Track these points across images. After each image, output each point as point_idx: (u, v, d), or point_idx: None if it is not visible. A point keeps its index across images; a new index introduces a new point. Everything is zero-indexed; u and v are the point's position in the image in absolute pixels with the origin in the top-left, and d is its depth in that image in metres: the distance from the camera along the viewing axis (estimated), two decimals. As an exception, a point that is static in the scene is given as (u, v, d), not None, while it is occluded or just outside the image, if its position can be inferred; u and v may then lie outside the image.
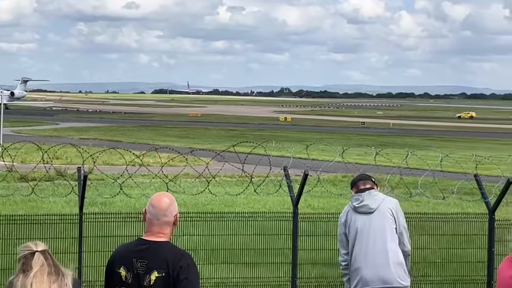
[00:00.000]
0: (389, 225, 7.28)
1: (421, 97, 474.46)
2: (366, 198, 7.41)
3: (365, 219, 7.35)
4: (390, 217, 7.30)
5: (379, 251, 7.29)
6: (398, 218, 7.32)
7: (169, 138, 64.18)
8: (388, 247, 7.27)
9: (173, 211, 5.32)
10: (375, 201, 7.36)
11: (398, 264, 7.25)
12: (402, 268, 7.29)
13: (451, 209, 20.32)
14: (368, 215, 7.34)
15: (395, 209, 7.36)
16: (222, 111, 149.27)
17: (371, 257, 7.31)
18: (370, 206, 7.36)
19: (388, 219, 7.29)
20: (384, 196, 7.48)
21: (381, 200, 7.38)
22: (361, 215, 7.39)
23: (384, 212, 7.31)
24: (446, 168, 15.58)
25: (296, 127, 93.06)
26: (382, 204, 7.34)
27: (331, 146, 16.33)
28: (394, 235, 7.29)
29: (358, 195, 7.47)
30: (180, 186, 17.30)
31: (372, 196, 7.41)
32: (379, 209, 7.32)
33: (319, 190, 19.85)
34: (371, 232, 7.32)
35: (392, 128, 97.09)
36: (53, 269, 4.56)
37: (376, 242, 7.31)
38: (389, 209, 7.33)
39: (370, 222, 7.34)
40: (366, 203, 7.38)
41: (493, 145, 64.22)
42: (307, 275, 12.75)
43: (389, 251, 7.27)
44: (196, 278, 5.14)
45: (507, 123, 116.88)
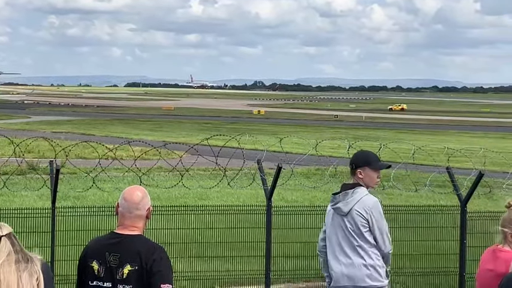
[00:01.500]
0: (361, 228, 7.20)
1: (394, 90, 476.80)
2: (340, 200, 7.30)
3: (340, 219, 7.32)
4: (363, 220, 7.20)
5: (347, 252, 7.27)
6: (372, 220, 7.15)
7: (142, 131, 63.97)
8: (358, 249, 7.23)
9: (146, 204, 5.30)
10: (348, 204, 7.21)
11: (367, 266, 7.22)
12: (374, 269, 7.23)
13: (424, 201, 20.47)
14: (342, 216, 7.30)
15: (370, 211, 7.14)
16: (195, 105, 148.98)
17: (341, 256, 7.31)
18: (342, 209, 7.26)
19: (360, 223, 7.21)
20: (361, 197, 7.22)
21: (355, 202, 7.19)
22: (337, 214, 7.36)
23: (355, 215, 7.20)
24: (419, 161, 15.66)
25: (269, 120, 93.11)
26: (356, 206, 7.20)
27: (305, 139, 16.38)
28: (365, 238, 7.21)
29: (334, 197, 7.38)
30: (153, 179, 17.26)
31: (346, 198, 7.26)
32: (351, 213, 7.22)
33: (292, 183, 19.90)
34: (343, 234, 7.30)
35: (365, 121, 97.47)
36: (20, 256, 4.21)
37: (344, 242, 7.29)
38: (362, 211, 7.15)
39: (343, 224, 7.29)
40: (339, 205, 7.27)
41: (465, 138, 64.71)
42: (281, 267, 12.78)
43: (358, 253, 7.23)
44: (169, 271, 5.13)
45: (478, 116, 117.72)
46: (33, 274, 4.23)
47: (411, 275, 12.92)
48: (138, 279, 5.09)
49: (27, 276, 4.22)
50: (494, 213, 13.46)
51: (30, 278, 4.23)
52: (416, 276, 12.98)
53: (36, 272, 4.25)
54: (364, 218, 7.16)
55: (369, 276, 7.20)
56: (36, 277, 4.25)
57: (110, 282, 5.15)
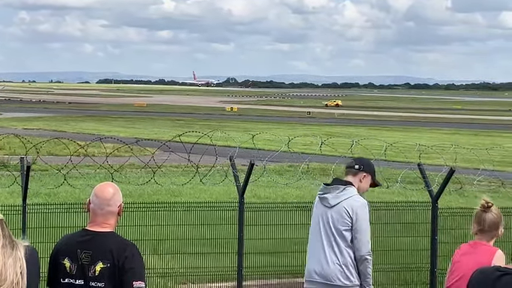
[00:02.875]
0: (342, 225, 7.20)
1: (366, 87, 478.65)
2: (329, 192, 7.30)
3: (323, 211, 7.32)
4: (346, 217, 7.19)
5: (324, 247, 7.27)
6: (356, 220, 7.13)
7: (114, 128, 63.68)
8: (334, 246, 7.23)
9: (117, 201, 5.27)
10: (337, 197, 7.20)
11: (341, 264, 7.21)
12: (347, 268, 7.22)
13: (395, 197, 20.54)
14: (326, 208, 7.30)
15: (356, 211, 7.12)
16: (167, 101, 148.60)
17: (317, 250, 7.31)
18: (329, 201, 7.25)
19: (343, 219, 7.20)
20: (351, 195, 7.22)
21: (344, 198, 7.19)
22: (322, 206, 7.35)
23: (340, 211, 7.19)
24: (391, 158, 15.79)
25: (242, 117, 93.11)
26: (343, 203, 7.19)
27: (277, 136, 16.38)
28: (343, 236, 7.20)
29: (324, 187, 7.38)
30: (125, 176, 17.19)
31: (336, 192, 7.25)
32: (338, 207, 7.22)
33: (265, 180, 19.94)
34: (323, 226, 7.30)
35: (338, 118, 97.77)
36: (7, 241, 4.27)
37: (323, 237, 7.28)
38: (349, 209, 7.15)
39: (326, 216, 7.29)
40: (327, 196, 7.26)
41: (436, 134, 65.13)
42: (253, 264, 12.79)
43: (332, 249, 7.23)
44: (141, 268, 5.11)
45: (450, 113, 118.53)
46: (17, 261, 4.26)
47: (383, 271, 12.97)
48: (111, 276, 5.07)
49: (12, 263, 4.24)
50: (465, 210, 13.57)
51: (14, 264, 4.25)
52: (388, 272, 13.05)
53: (20, 259, 4.28)
54: (349, 216, 7.15)
55: (341, 275, 7.19)
56: (19, 264, 4.27)
57: (82, 279, 5.12)
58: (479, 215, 6.52)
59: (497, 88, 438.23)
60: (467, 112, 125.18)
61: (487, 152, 16.42)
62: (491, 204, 6.58)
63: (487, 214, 6.51)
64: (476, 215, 6.54)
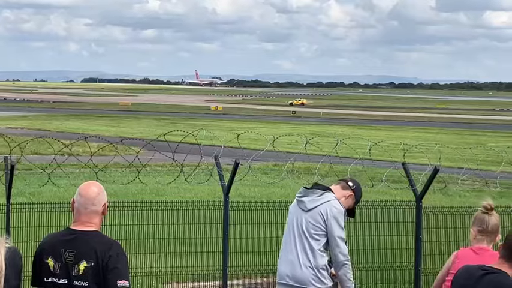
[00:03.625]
0: (316, 229, 7.19)
1: (351, 86, 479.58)
2: (307, 195, 7.30)
3: (299, 214, 7.30)
4: (321, 222, 7.19)
5: (297, 250, 7.25)
6: (331, 226, 7.11)
7: (99, 127, 63.51)
8: (307, 249, 7.22)
9: (101, 200, 5.26)
10: (314, 202, 7.19)
11: (313, 268, 7.20)
12: (319, 272, 7.21)
13: (380, 196, 20.60)
14: (302, 212, 7.29)
15: (331, 216, 7.11)
16: (152, 100, 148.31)
17: (290, 253, 7.30)
18: (306, 204, 7.24)
19: (317, 223, 7.19)
20: (329, 200, 7.21)
21: (321, 203, 7.18)
22: (298, 209, 7.34)
23: (316, 215, 7.18)
24: (375, 157, 15.79)
25: (227, 116, 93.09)
26: (320, 207, 7.18)
27: (262, 135, 16.38)
28: (317, 240, 7.19)
29: (303, 189, 7.37)
30: (110, 175, 17.14)
31: (314, 196, 7.25)
32: (313, 211, 7.21)
33: (250, 179, 19.92)
34: (297, 229, 7.29)
35: (322, 117, 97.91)
36: None
37: (297, 240, 7.27)
38: (325, 214, 7.13)
39: (300, 219, 7.28)
40: (304, 200, 7.25)
41: (421, 133, 65.35)
42: (238, 263, 12.79)
43: (305, 253, 7.22)
44: (125, 267, 5.11)
45: (434, 112, 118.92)
46: None
47: (367, 270, 13.01)
48: (94, 275, 5.06)
49: None
50: (449, 209, 13.65)
51: None
52: (373, 271, 13.08)
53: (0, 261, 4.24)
54: (324, 221, 7.13)
55: (314, 279, 7.19)
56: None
57: (65, 278, 5.11)
58: (481, 217, 6.36)
59: (481, 87, 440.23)
60: (452, 111, 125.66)
61: (471, 151, 16.50)
62: (493, 206, 6.53)
63: (490, 217, 6.38)
64: (477, 217, 6.37)
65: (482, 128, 78.94)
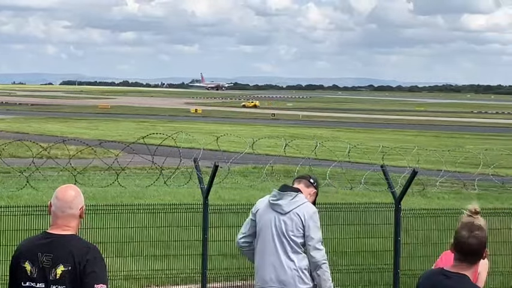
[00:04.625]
0: (295, 231, 7.21)
1: (330, 89, 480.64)
2: (282, 198, 7.32)
3: (275, 217, 7.31)
4: (299, 224, 7.21)
5: (279, 253, 7.27)
6: (308, 227, 7.16)
7: (78, 130, 63.25)
8: (288, 252, 7.24)
9: (78, 204, 5.24)
10: (290, 204, 7.22)
11: (297, 269, 7.23)
12: (302, 272, 7.24)
13: (359, 199, 20.65)
14: (279, 214, 7.31)
15: (308, 218, 7.16)
16: (132, 103, 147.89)
17: (271, 257, 7.31)
18: (283, 207, 7.27)
19: (296, 226, 7.22)
20: (303, 202, 7.27)
21: (297, 205, 7.22)
22: (273, 212, 7.35)
23: (294, 217, 7.21)
24: (354, 159, 15.85)
25: (207, 119, 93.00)
26: (296, 210, 7.20)
27: (242, 138, 16.40)
28: (297, 242, 7.22)
29: (277, 192, 7.39)
30: (88, 178, 17.10)
31: (289, 198, 7.27)
32: (291, 214, 7.24)
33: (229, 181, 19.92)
34: (276, 232, 7.30)
35: (302, 119, 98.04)
36: None
37: (277, 243, 7.28)
38: (302, 216, 7.16)
39: (279, 223, 7.29)
40: (281, 203, 7.27)
41: (400, 136, 65.60)
42: (218, 266, 12.77)
43: (287, 255, 7.24)
44: (103, 271, 5.09)
45: (413, 115, 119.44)
46: None
47: (347, 272, 13.04)
48: (72, 279, 5.04)
49: None
50: (427, 211, 13.70)
51: None
52: (352, 274, 13.10)
53: None
54: (302, 223, 7.17)
55: (298, 280, 7.21)
56: None
57: (43, 282, 5.08)
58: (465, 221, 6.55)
59: (460, 90, 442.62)
60: (430, 114, 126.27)
61: (449, 153, 16.59)
62: (479, 210, 6.63)
63: (475, 221, 6.53)
64: (463, 221, 6.54)
65: (461, 130, 79.38)
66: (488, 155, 15.70)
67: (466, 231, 5.10)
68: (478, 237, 5.08)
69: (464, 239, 5.07)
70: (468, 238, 5.08)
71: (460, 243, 5.09)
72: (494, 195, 26.08)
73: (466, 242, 5.07)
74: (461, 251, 5.09)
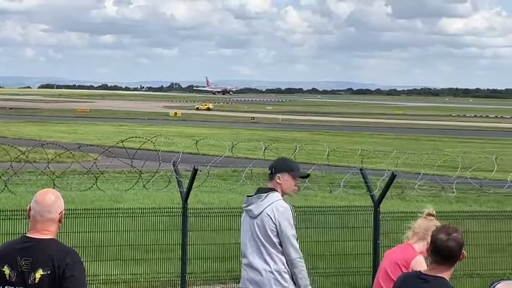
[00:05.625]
0: (268, 232, 7.23)
1: (309, 92, 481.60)
2: (252, 203, 7.34)
3: (250, 222, 7.37)
4: (271, 224, 7.23)
5: (255, 256, 7.31)
6: (280, 226, 7.16)
7: (56, 133, 62.92)
8: (264, 254, 7.26)
9: (58, 208, 5.22)
10: (259, 206, 7.24)
11: (273, 271, 7.25)
12: (279, 275, 7.26)
13: (338, 202, 20.71)
14: (252, 218, 7.35)
15: (278, 216, 7.16)
16: (111, 107, 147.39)
17: (249, 259, 7.36)
18: (253, 211, 7.31)
19: (268, 226, 7.24)
20: (273, 201, 7.25)
21: (266, 205, 7.23)
22: (248, 216, 7.41)
23: (264, 218, 7.23)
24: (333, 162, 15.88)
25: (186, 122, 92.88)
26: (266, 210, 7.21)
27: (221, 141, 16.38)
28: (272, 243, 7.24)
29: (247, 199, 7.41)
30: (67, 182, 17.01)
31: (259, 201, 7.28)
32: (262, 216, 7.26)
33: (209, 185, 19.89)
34: (251, 236, 7.34)
35: (282, 123, 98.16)
36: None
37: (253, 246, 7.32)
38: (272, 215, 7.16)
39: (252, 226, 7.33)
40: (251, 208, 7.32)
41: (378, 139, 65.83)
42: (197, 270, 12.77)
43: (263, 258, 7.26)
44: (82, 275, 5.08)
45: (392, 118, 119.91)
46: None
47: (327, 275, 13.07)
48: (51, 283, 5.03)
49: None
50: (406, 214, 13.74)
51: None
52: (331, 277, 13.14)
53: None
54: (273, 222, 7.19)
55: (274, 282, 7.23)
56: None
57: (22, 287, 5.07)
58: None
59: (438, 93, 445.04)
60: (409, 117, 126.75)
61: (427, 156, 16.66)
62: (432, 213, 6.91)
63: (422, 220, 7.06)
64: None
65: (439, 133, 79.77)
66: (466, 158, 15.77)
67: (444, 234, 5.14)
68: (456, 239, 5.12)
69: (443, 242, 5.10)
70: (447, 241, 5.11)
71: (438, 247, 5.12)
72: (472, 198, 26.28)
73: (445, 245, 5.10)
74: (440, 254, 5.12)
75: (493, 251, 13.65)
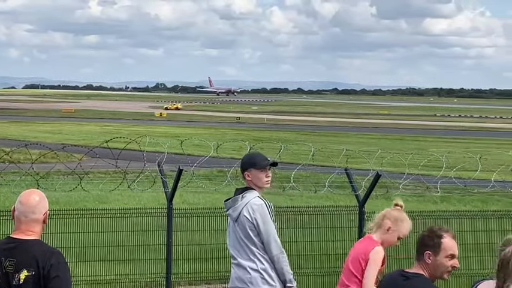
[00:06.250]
0: (249, 232, 7.25)
1: (295, 92, 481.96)
2: (230, 206, 7.36)
3: (233, 225, 7.41)
4: (250, 224, 7.25)
5: (241, 256, 7.33)
6: (258, 223, 7.19)
7: (41, 134, 62.68)
8: (248, 254, 7.29)
9: (42, 208, 5.21)
10: (236, 209, 7.27)
11: (259, 270, 7.27)
12: (266, 273, 7.28)
13: (324, 202, 20.73)
14: (233, 221, 7.38)
15: (255, 215, 7.19)
16: (96, 107, 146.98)
17: (237, 259, 7.38)
18: (232, 215, 7.35)
19: (247, 226, 7.26)
20: (248, 200, 7.26)
21: (242, 206, 7.25)
22: (230, 220, 7.44)
23: (243, 219, 7.25)
24: (319, 162, 15.92)
25: (171, 122, 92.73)
26: (243, 211, 7.23)
27: (206, 141, 16.37)
28: (254, 242, 7.26)
29: (226, 203, 7.44)
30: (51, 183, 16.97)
31: (235, 204, 7.30)
32: (240, 218, 7.29)
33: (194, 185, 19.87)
34: (235, 238, 7.37)
35: (267, 123, 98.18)
36: None
37: (238, 247, 7.34)
38: (248, 215, 7.19)
39: (234, 228, 7.36)
40: (230, 212, 7.36)
41: (364, 139, 65.97)
42: (182, 270, 12.76)
43: (248, 257, 7.28)
44: (67, 275, 5.07)
45: (377, 118, 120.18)
46: None
47: (312, 275, 13.09)
48: (35, 284, 5.02)
49: None
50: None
51: None
52: (316, 277, 13.16)
53: None
54: (251, 222, 7.22)
55: (261, 281, 7.25)
56: None
57: (6, 287, 5.06)
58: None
59: (423, 93, 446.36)
60: (394, 117, 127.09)
61: (412, 156, 16.71)
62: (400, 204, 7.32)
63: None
64: None
65: (424, 133, 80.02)
66: (451, 157, 15.84)
67: (428, 232, 5.33)
68: (420, 235, 5.28)
69: (419, 237, 5.33)
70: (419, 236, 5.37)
71: (418, 245, 5.33)
72: (457, 198, 26.36)
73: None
74: (418, 251, 5.32)
75: (477, 250, 13.71)
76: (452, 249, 5.31)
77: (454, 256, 5.35)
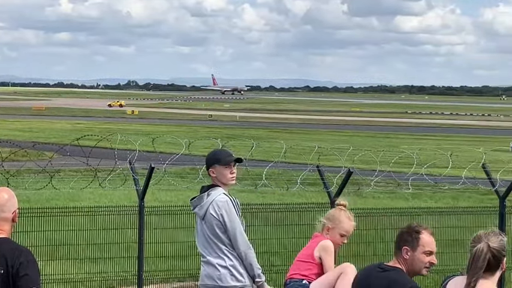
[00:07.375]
0: (216, 229, 7.26)
1: (267, 90, 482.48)
2: (196, 204, 7.35)
3: (200, 223, 7.40)
4: (216, 221, 7.25)
5: (210, 253, 7.32)
6: (224, 220, 7.20)
7: (11, 132, 62.19)
8: (217, 251, 7.29)
9: (11, 207, 5.17)
10: (202, 207, 7.28)
11: (227, 267, 7.28)
12: (235, 269, 7.29)
13: (295, 199, 20.77)
14: (200, 219, 7.37)
15: (220, 212, 7.19)
16: (67, 104, 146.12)
17: (205, 256, 7.37)
18: (198, 213, 7.35)
19: (214, 223, 7.26)
20: (214, 198, 7.26)
21: (208, 204, 7.25)
22: (198, 218, 7.43)
23: (209, 217, 7.25)
24: (291, 160, 15.95)
25: (143, 120, 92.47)
26: (209, 209, 7.24)
27: (178, 139, 16.31)
28: (222, 239, 7.26)
29: (192, 201, 7.43)
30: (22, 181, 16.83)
31: (201, 202, 7.30)
32: (207, 216, 7.28)
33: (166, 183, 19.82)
34: (203, 235, 7.36)
35: (239, 120, 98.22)
36: None
37: (207, 244, 7.34)
38: (214, 213, 7.20)
39: (202, 226, 7.37)
40: (196, 210, 7.37)
41: (336, 136, 66.22)
42: (154, 268, 12.72)
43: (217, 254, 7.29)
44: (36, 274, 5.04)
45: (349, 115, 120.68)
46: None
47: (283, 272, 13.09)
48: (4, 283, 4.99)
49: None
50: (363, 210, 13.86)
51: None
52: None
53: None
54: (217, 219, 7.23)
55: (230, 277, 7.26)
56: None
57: (-25, 287, 5.01)
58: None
59: (394, 91, 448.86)
60: (365, 114, 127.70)
61: (383, 153, 16.79)
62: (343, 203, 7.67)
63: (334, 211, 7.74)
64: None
65: (396, 130, 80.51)
66: (422, 154, 15.92)
67: (406, 228, 5.46)
68: (399, 231, 5.38)
69: (398, 233, 5.43)
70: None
71: (396, 239, 5.45)
72: (428, 195, 26.53)
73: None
74: (396, 246, 5.41)
75: (448, 246, 13.80)
76: (430, 246, 5.36)
77: (432, 252, 5.40)
